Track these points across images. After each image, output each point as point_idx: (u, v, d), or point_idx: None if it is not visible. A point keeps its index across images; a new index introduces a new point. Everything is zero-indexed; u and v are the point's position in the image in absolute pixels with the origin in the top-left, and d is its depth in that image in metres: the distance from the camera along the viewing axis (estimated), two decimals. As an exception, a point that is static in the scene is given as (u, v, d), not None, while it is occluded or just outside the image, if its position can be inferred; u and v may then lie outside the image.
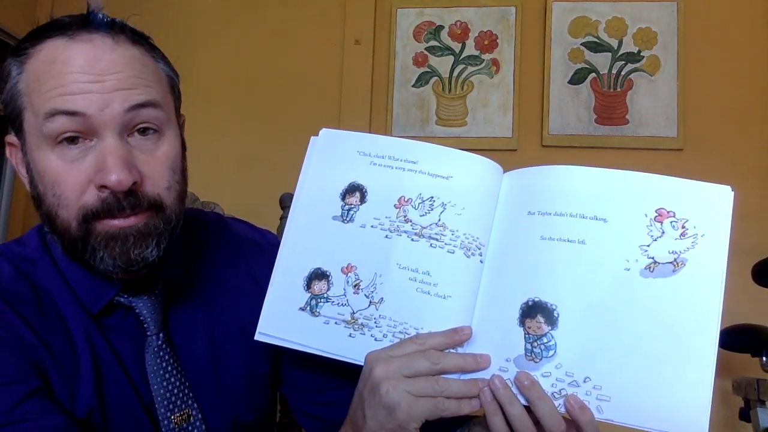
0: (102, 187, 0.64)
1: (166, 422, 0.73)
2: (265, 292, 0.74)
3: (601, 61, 2.20)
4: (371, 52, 2.31)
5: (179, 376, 0.74)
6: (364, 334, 0.65)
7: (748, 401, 1.58)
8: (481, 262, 0.66)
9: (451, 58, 2.28)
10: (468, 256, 0.65)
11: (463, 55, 2.28)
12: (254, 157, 2.31)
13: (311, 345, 0.67)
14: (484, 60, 2.26)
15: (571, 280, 0.61)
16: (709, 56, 2.17)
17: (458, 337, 0.62)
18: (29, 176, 0.69)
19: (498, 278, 0.64)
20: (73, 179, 0.64)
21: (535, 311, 0.61)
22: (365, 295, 0.66)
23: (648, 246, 0.61)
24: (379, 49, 2.33)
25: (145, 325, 0.73)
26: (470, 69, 2.27)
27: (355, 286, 0.67)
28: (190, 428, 0.74)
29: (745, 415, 1.60)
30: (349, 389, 0.72)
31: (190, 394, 0.75)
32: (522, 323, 0.61)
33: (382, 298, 0.66)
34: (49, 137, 0.64)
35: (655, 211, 0.62)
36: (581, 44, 2.22)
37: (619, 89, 2.18)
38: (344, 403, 0.70)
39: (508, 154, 2.23)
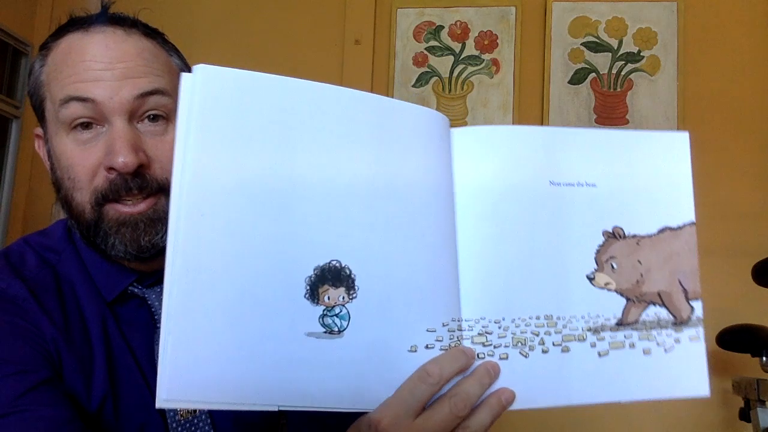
0: (110, 169, 0.67)
1: (172, 413, 0.74)
2: None
3: (601, 61, 2.21)
4: (371, 52, 2.31)
5: None
6: None
7: (748, 401, 1.58)
8: None
9: (451, 58, 2.28)
10: None
11: (463, 55, 2.28)
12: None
13: None
14: (484, 60, 2.27)
15: None
16: (709, 56, 2.17)
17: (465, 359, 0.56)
18: (50, 163, 0.73)
19: None
20: (85, 162, 0.68)
21: None
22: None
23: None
24: (379, 49, 2.33)
25: (156, 317, 0.75)
26: (470, 69, 2.27)
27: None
28: (195, 421, 0.75)
29: (745, 415, 1.60)
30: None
31: None
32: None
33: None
34: (65, 123, 0.68)
35: None
36: (581, 44, 2.22)
37: (619, 89, 2.19)
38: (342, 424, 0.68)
39: (508, 154, 2.23)
